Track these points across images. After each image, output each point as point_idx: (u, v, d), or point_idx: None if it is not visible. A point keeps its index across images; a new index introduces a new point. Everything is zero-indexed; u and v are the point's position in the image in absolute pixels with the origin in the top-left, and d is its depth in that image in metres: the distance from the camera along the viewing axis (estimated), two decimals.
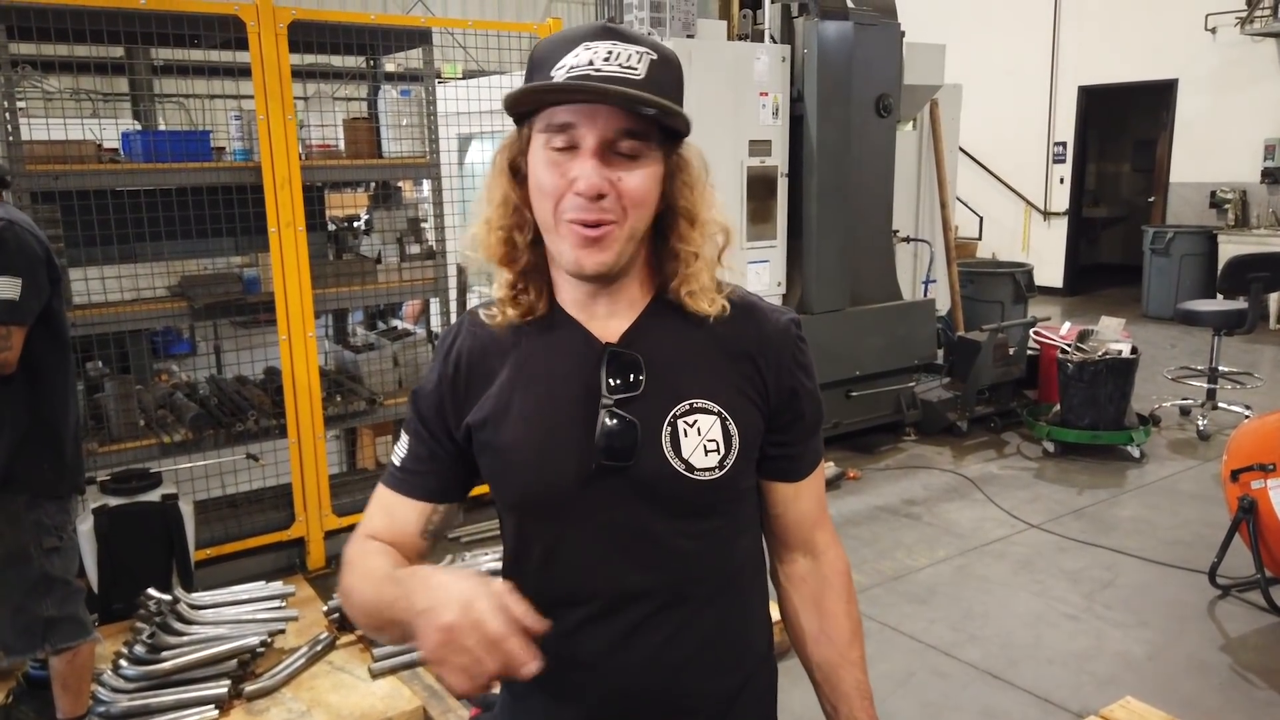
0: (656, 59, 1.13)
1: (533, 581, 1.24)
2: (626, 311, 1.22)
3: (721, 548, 1.25)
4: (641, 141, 1.12)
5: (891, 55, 5.85)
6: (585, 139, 1.10)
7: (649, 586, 1.21)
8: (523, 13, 17.09)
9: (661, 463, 1.17)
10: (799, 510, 1.33)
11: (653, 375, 1.19)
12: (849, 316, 5.84)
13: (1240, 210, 9.87)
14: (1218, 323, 6.20)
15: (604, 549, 1.20)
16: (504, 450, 1.21)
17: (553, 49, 1.13)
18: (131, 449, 3.80)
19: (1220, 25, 9.88)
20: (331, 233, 4.85)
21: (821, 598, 1.35)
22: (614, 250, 1.13)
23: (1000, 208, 11.75)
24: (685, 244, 1.19)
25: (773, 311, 1.29)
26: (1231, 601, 3.89)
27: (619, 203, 1.12)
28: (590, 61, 1.09)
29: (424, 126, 4.40)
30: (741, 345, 1.23)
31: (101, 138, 4.09)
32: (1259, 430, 3.80)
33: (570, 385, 1.20)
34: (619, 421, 1.17)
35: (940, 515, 4.91)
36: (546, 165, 1.13)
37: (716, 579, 1.25)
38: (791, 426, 1.27)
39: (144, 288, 3.89)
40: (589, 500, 1.19)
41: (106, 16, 3.66)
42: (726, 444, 1.19)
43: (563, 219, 1.12)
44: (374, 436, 5.17)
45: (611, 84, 1.08)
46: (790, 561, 1.37)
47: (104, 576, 3.49)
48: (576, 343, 1.21)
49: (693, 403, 1.19)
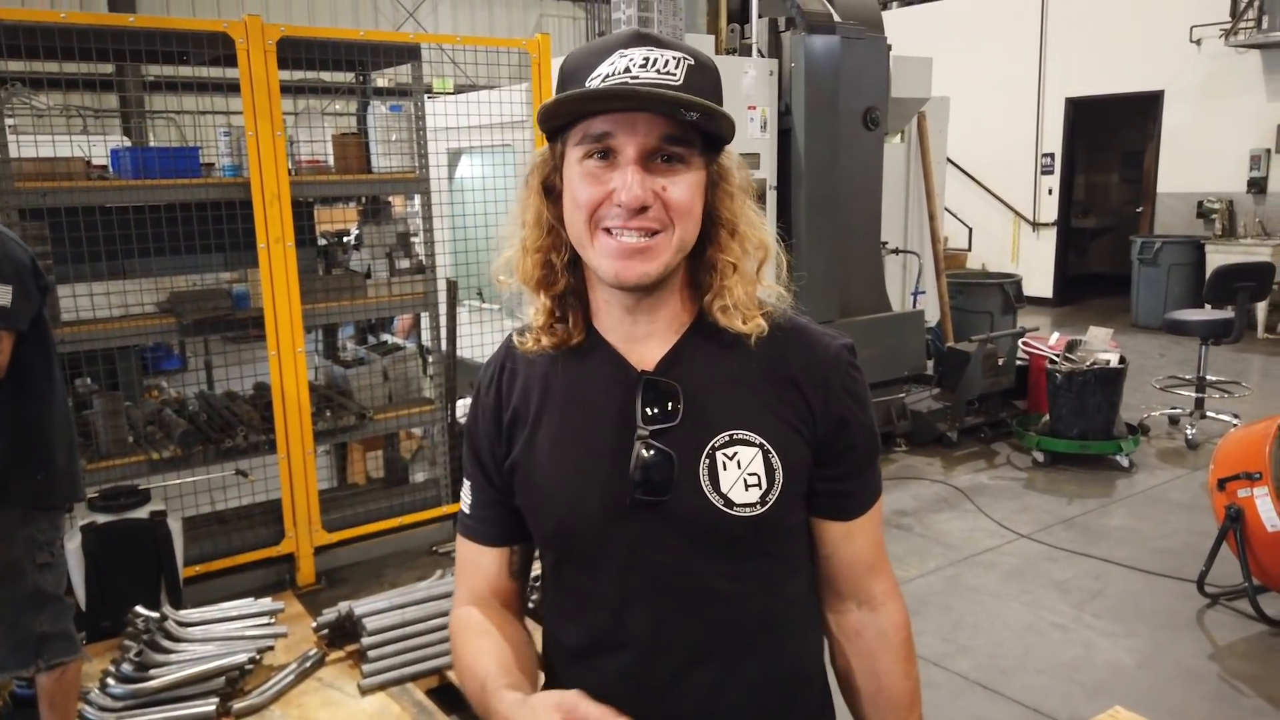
0: (694, 64, 1.07)
1: (570, 626, 1.21)
2: (666, 334, 1.16)
3: (767, 590, 1.18)
4: (685, 148, 1.06)
5: (879, 68, 5.89)
6: (625, 148, 1.05)
7: (689, 631, 1.14)
8: (514, 28, 17.17)
9: (698, 498, 1.10)
10: (852, 552, 1.23)
11: (690, 404, 1.12)
12: (839, 328, 5.85)
13: (1227, 220, 9.94)
14: (1205, 332, 6.24)
15: (641, 590, 1.14)
16: (537, 483, 1.17)
17: (585, 59, 1.07)
18: (120, 465, 3.79)
19: (1205, 37, 9.97)
20: (321, 248, 4.85)
21: (878, 656, 1.25)
22: (660, 261, 1.07)
23: (990, 219, 11.81)
24: (724, 254, 1.13)
25: (824, 336, 1.20)
26: (1220, 610, 3.90)
27: (665, 213, 1.06)
28: (627, 69, 1.04)
29: (413, 141, 4.42)
30: (787, 370, 1.15)
31: (90, 154, 4.10)
32: (1245, 439, 3.82)
33: (605, 415, 1.14)
34: (655, 453, 1.10)
35: (931, 526, 4.92)
36: (583, 177, 1.07)
37: (762, 624, 1.18)
38: (841, 459, 1.18)
39: (133, 304, 3.89)
40: (624, 537, 1.13)
41: (96, 34, 3.68)
42: (769, 478, 1.12)
43: (599, 227, 1.07)
44: (364, 451, 5.17)
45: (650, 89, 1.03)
46: (843, 611, 1.26)
47: (92, 594, 3.47)
48: (612, 370, 1.15)
49: (732, 434, 1.12)
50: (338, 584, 4.24)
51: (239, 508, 4.30)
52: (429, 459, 5.10)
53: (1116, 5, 10.70)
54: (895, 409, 6.13)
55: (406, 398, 4.81)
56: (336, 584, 4.24)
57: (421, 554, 4.52)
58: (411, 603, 3.25)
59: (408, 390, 4.88)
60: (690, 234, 1.10)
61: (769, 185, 5.61)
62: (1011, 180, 11.87)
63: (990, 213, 11.88)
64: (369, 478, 5.20)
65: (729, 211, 1.13)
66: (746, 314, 1.13)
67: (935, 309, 7.05)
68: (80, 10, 12.88)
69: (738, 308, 1.13)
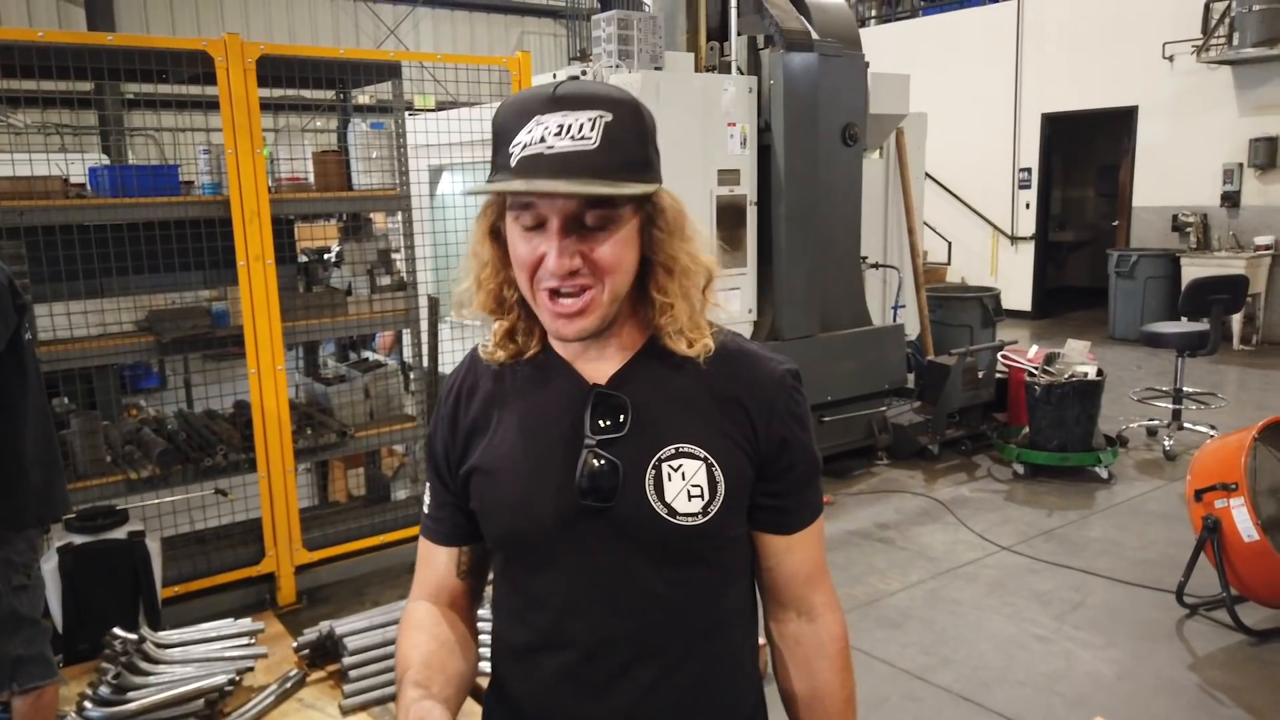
0: (612, 119, 1.10)
1: (515, 625, 1.27)
2: (616, 355, 1.23)
3: (706, 598, 1.23)
4: (609, 209, 1.11)
5: (857, 85, 5.95)
6: (549, 216, 1.11)
7: (628, 633, 1.20)
8: (494, 45, 17.24)
9: (643, 505, 1.16)
10: (792, 565, 1.29)
11: (639, 418, 1.19)
12: (820, 342, 5.89)
13: (1201, 233, 10.06)
14: (1181, 344, 6.31)
15: (584, 591, 1.20)
16: (490, 487, 1.23)
17: (509, 120, 1.12)
18: (98, 486, 3.76)
19: (1177, 54, 10.12)
20: (302, 265, 4.84)
21: (815, 664, 1.30)
22: (595, 316, 1.14)
23: (969, 233, 11.91)
24: (661, 294, 1.19)
25: (769, 360, 1.27)
26: (1199, 620, 3.93)
27: (593, 274, 1.12)
28: (542, 138, 1.08)
29: (394, 158, 4.42)
30: (732, 391, 1.22)
31: (68, 173, 4.07)
32: (1221, 450, 3.86)
33: (557, 425, 1.21)
34: (601, 462, 1.17)
35: (913, 539, 4.94)
36: (519, 240, 1.14)
37: (700, 630, 1.23)
38: (782, 477, 1.25)
39: (110, 323, 3.86)
40: (570, 540, 1.19)
41: (74, 53, 3.67)
42: (711, 490, 1.18)
43: (540, 288, 1.14)
44: (345, 469, 5.14)
45: (563, 162, 1.07)
46: (784, 620, 1.32)
47: (69, 616, 3.43)
48: (565, 383, 1.23)
49: (678, 447, 1.18)
50: (319, 603, 4.21)
51: (218, 527, 4.26)
52: (411, 476, 5.08)
53: (1090, 22, 10.85)
54: (876, 422, 6.15)
55: (388, 415, 4.80)
56: (318, 603, 4.21)
57: (404, 572, 4.49)
58: (393, 622, 3.22)
59: (389, 407, 4.87)
60: (622, 284, 1.15)
61: (749, 201, 5.64)
62: (990, 195, 11.99)
63: (969, 227, 11.98)
64: (350, 495, 5.17)
65: (663, 253, 1.18)
66: (691, 337, 1.20)
67: (915, 323, 7.09)
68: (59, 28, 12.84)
69: (682, 333, 1.20)
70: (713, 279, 1.23)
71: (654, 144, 1.18)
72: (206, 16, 14.62)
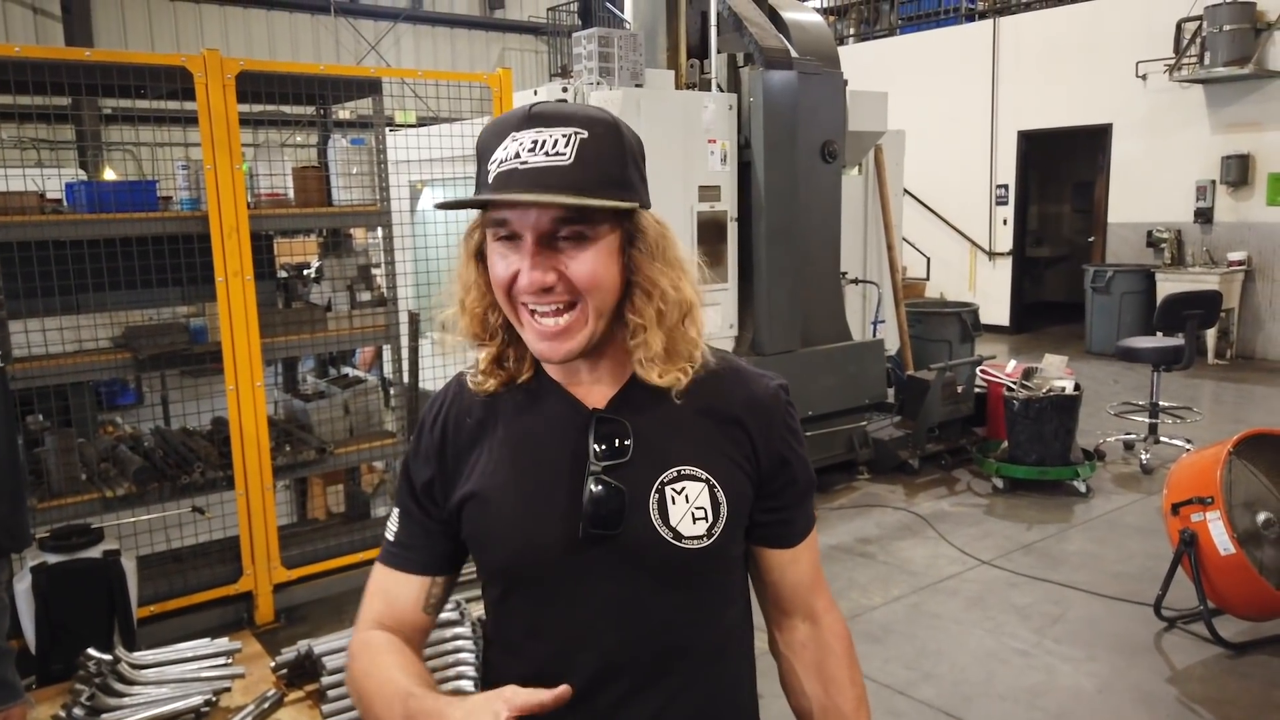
0: (587, 137, 1.09)
1: (513, 658, 1.24)
2: (610, 379, 1.21)
3: (709, 620, 1.23)
4: (585, 225, 1.10)
5: (836, 103, 6.00)
6: (523, 232, 1.10)
7: (634, 659, 1.18)
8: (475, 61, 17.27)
9: (649, 531, 1.15)
10: (796, 575, 1.30)
11: (640, 442, 1.18)
12: (800, 357, 5.91)
13: (1176, 249, 10.19)
14: (1157, 359, 6.37)
15: (589, 619, 1.18)
16: (489, 517, 1.20)
17: (488, 139, 1.13)
18: (72, 504, 3.71)
19: (1150, 72, 10.27)
20: (281, 281, 4.82)
21: (824, 664, 1.31)
22: (580, 337, 1.12)
23: (947, 248, 12.00)
24: (636, 315, 1.16)
25: (761, 377, 1.28)
26: (1177, 633, 3.96)
27: (571, 290, 1.10)
28: (517, 154, 1.08)
29: (375, 174, 4.41)
30: (730, 411, 1.22)
31: (45, 188, 4.04)
32: (1196, 464, 3.90)
33: (556, 452, 1.19)
34: (606, 488, 1.15)
35: (894, 553, 4.95)
36: (496, 256, 1.13)
37: (704, 653, 1.23)
38: (783, 492, 1.26)
39: (87, 339, 3.83)
40: (576, 568, 1.17)
41: (51, 68, 3.64)
42: (715, 512, 1.18)
43: (519, 303, 1.13)
44: (325, 486, 5.10)
45: (537, 177, 1.06)
46: (790, 629, 1.33)
47: (42, 636, 3.38)
48: (563, 409, 1.21)
49: (681, 470, 1.18)
50: (297, 622, 4.17)
51: (195, 545, 4.22)
52: (391, 493, 5.04)
53: (1064, 42, 11.01)
54: (857, 437, 6.18)
55: (368, 431, 4.77)
56: (296, 622, 4.17)
57: None
58: None
59: (369, 423, 4.84)
60: (605, 301, 1.13)
61: (730, 217, 5.66)
62: (967, 211, 12.10)
63: (947, 243, 12.08)
64: (329, 512, 5.12)
65: (642, 275, 1.16)
66: (662, 368, 1.17)
67: (895, 338, 7.13)
68: (36, 43, 12.76)
69: (653, 361, 1.17)
70: (691, 311, 1.20)
71: (636, 165, 1.16)
72: (185, 32, 14.58)
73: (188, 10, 14.73)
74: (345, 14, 16.10)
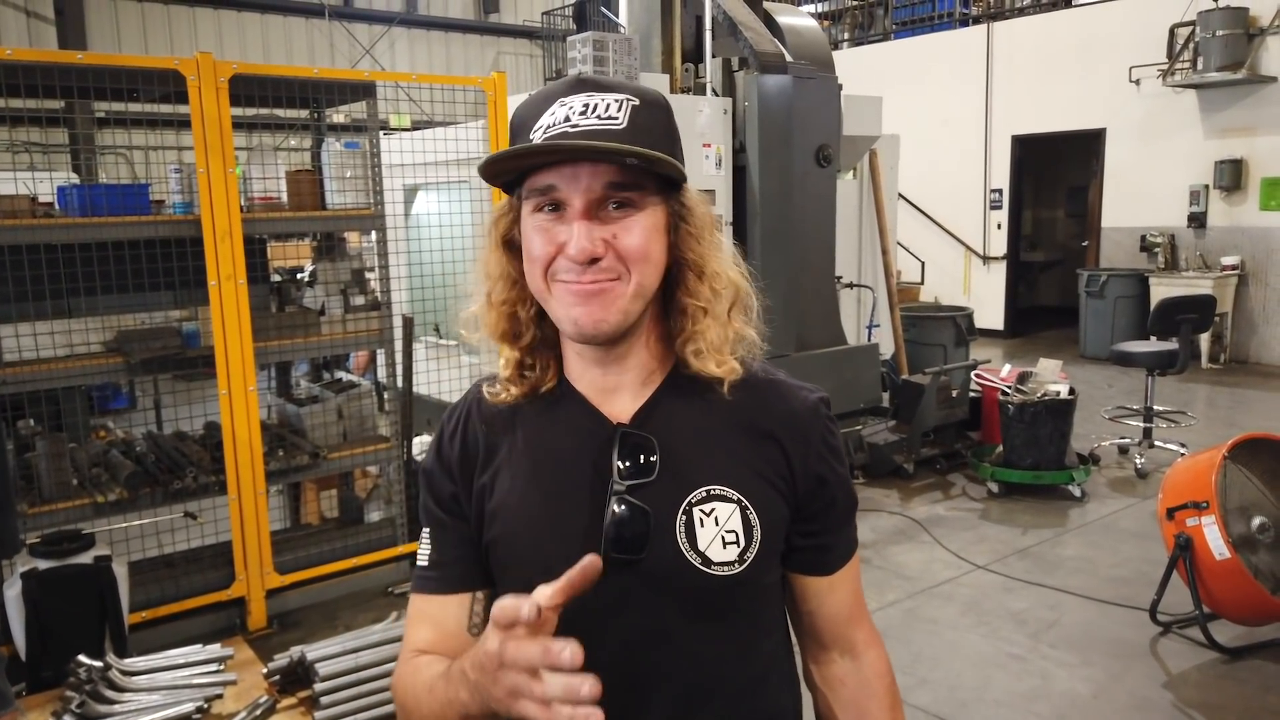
0: (639, 104, 1.04)
1: None
2: (639, 387, 1.12)
3: (744, 654, 1.14)
4: (635, 193, 1.03)
5: (830, 107, 6.00)
6: (571, 200, 1.02)
7: (660, 697, 1.09)
8: (470, 65, 17.28)
9: (675, 556, 1.06)
10: (834, 605, 1.21)
11: (667, 459, 1.08)
12: (795, 362, 5.90)
13: (1169, 254, 10.21)
14: (1151, 363, 6.38)
15: (613, 652, 1.06)
16: (507, 538, 1.11)
17: (529, 111, 1.05)
18: (64, 509, 3.69)
19: (1144, 77, 10.30)
20: (274, 285, 4.80)
21: (863, 704, 1.21)
22: (618, 308, 1.04)
23: (942, 253, 12.02)
24: (692, 298, 1.09)
25: (800, 389, 1.18)
26: (1172, 638, 3.95)
27: (619, 262, 1.03)
28: (566, 118, 1.01)
29: (369, 178, 4.40)
30: (765, 425, 1.13)
31: (37, 192, 4.03)
32: (1192, 468, 3.90)
33: (578, 468, 1.10)
34: (630, 509, 1.05)
35: (889, 558, 4.94)
36: (535, 231, 1.05)
37: (737, 689, 1.13)
38: (823, 515, 1.16)
39: (79, 343, 3.81)
40: (596, 597, 1.05)
41: (43, 71, 3.63)
42: (747, 535, 1.08)
43: (554, 279, 1.04)
44: (318, 491, 5.08)
45: (590, 138, 1.00)
46: (827, 662, 1.23)
47: (33, 643, 3.35)
48: (585, 421, 1.12)
49: (710, 490, 1.08)
50: (290, 628, 4.15)
51: (188, 551, 4.19)
52: (385, 498, 5.02)
53: (1058, 47, 11.04)
54: (852, 441, 6.17)
55: (361, 436, 4.75)
56: (289, 628, 4.15)
57: (377, 595, 4.44)
58: (366, 646, 3.18)
59: (363, 428, 4.82)
60: (650, 279, 1.06)
61: (724, 221, 5.66)
62: (962, 215, 12.12)
63: (942, 247, 12.10)
64: (323, 518, 5.10)
65: (694, 252, 1.09)
66: (719, 358, 1.10)
67: (890, 342, 7.14)
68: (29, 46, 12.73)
69: (710, 351, 1.09)
70: (739, 296, 1.12)
71: (680, 146, 1.10)
72: (179, 35, 14.56)
73: (181, 13, 14.71)
74: (339, 17, 16.09)
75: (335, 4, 15.96)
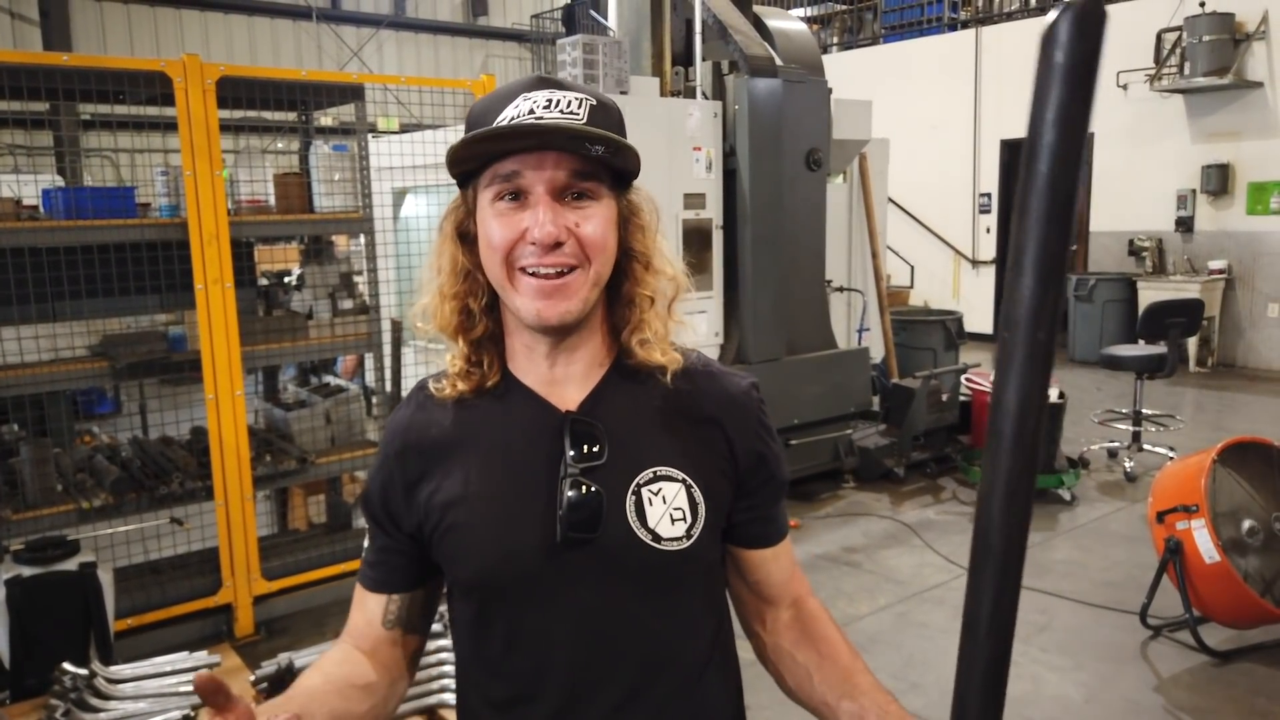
0: (596, 104, 1.10)
1: (491, 679, 1.19)
2: (585, 377, 1.17)
3: (691, 628, 1.20)
4: (594, 183, 1.09)
5: (820, 111, 6.01)
6: (535, 186, 1.07)
7: (616, 672, 1.15)
8: (459, 67, 17.24)
9: (627, 533, 1.11)
10: (779, 571, 1.29)
11: (614, 443, 1.14)
12: (786, 365, 5.90)
13: (1157, 258, 10.26)
14: (1140, 367, 6.40)
15: (570, 629, 1.14)
16: (461, 528, 1.15)
17: (490, 105, 1.10)
18: (48, 515, 3.65)
19: (1131, 82, 10.35)
20: (262, 288, 4.77)
21: (812, 630, 1.28)
22: (579, 298, 1.09)
23: (931, 257, 12.05)
24: (640, 288, 1.15)
25: (732, 375, 1.26)
26: (1163, 642, 3.96)
27: (579, 249, 1.08)
28: (531, 110, 1.06)
29: (357, 181, 4.37)
30: (706, 410, 1.19)
31: (21, 194, 3.99)
32: (1181, 472, 3.90)
33: (529, 457, 1.14)
34: (583, 491, 1.11)
35: (880, 562, 4.94)
36: (496, 219, 1.08)
37: (688, 664, 1.19)
38: (762, 490, 1.23)
39: (64, 347, 3.77)
40: (554, 575, 1.12)
41: (28, 73, 3.59)
42: (693, 512, 1.14)
43: (516, 267, 1.08)
44: (306, 496, 5.05)
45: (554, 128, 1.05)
46: (774, 618, 1.31)
47: (16, 650, 3.32)
48: (534, 412, 1.16)
49: (656, 470, 1.14)
50: (278, 634, 4.12)
51: (174, 557, 4.16)
52: None
53: None
54: (842, 445, 6.17)
55: (350, 440, 4.72)
56: (276, 634, 4.12)
57: None
58: None
59: (351, 433, 4.79)
60: (605, 269, 1.12)
61: (715, 225, 5.66)
62: (951, 219, 12.15)
63: (931, 251, 12.13)
64: (310, 523, 5.07)
65: (641, 245, 1.16)
66: (663, 347, 1.17)
67: (880, 346, 7.14)
68: (14, 48, 12.64)
69: (657, 341, 1.16)
70: (680, 291, 1.19)
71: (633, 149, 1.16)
72: (165, 37, 14.48)
73: (168, 15, 14.63)
74: (327, 20, 16.04)
75: (323, 6, 15.91)
